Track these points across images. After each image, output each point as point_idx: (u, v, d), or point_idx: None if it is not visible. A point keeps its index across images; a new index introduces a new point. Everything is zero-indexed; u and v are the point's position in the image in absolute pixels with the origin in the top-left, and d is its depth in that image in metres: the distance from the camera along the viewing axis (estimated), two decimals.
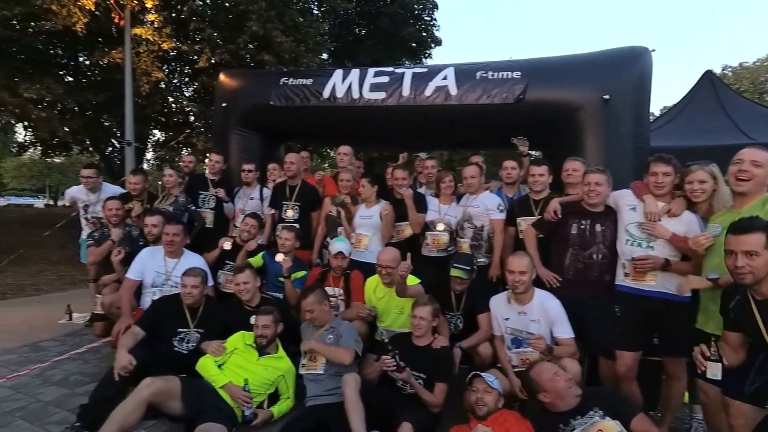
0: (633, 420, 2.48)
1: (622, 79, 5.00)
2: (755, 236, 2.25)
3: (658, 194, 3.31)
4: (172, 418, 3.17)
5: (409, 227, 4.75)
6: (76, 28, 9.94)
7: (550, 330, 3.42)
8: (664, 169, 3.27)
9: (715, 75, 7.33)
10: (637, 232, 3.33)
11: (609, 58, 5.30)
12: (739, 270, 2.27)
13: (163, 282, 4.29)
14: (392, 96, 5.90)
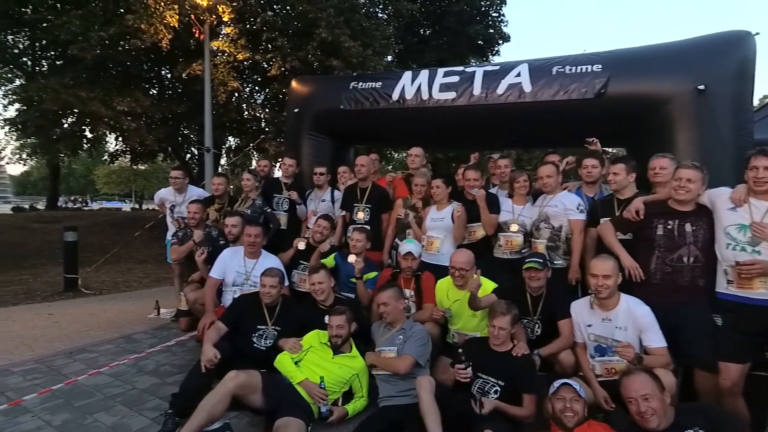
0: None
1: (719, 67, 4.57)
2: None
3: (759, 191, 3.01)
4: (253, 410, 3.31)
5: (482, 229, 4.62)
6: (161, 44, 10.64)
7: (638, 338, 3.16)
8: (765, 163, 2.96)
9: None
10: (739, 235, 3.03)
11: (704, 45, 4.87)
12: None
13: (243, 281, 4.47)
14: (463, 96, 5.77)
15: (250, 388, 3.19)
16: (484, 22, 19.24)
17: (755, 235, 2.97)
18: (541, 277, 3.67)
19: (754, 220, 2.99)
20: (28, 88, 12.49)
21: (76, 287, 8.14)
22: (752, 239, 2.97)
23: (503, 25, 19.88)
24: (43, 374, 4.14)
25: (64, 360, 4.52)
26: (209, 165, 10.93)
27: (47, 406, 3.50)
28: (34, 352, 4.78)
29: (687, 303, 3.28)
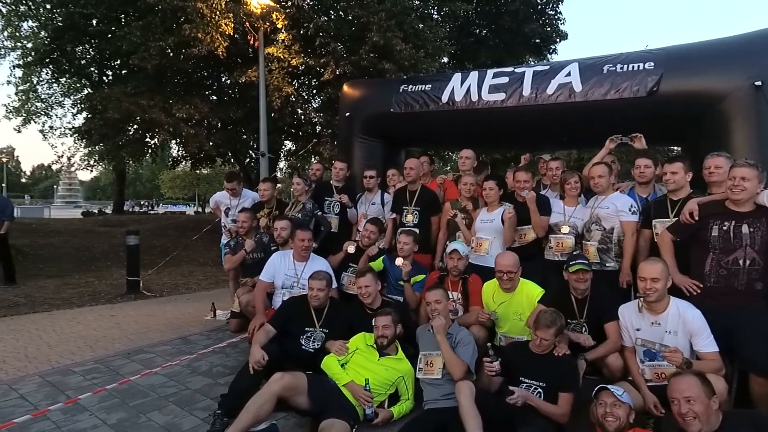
0: None
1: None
2: None
3: None
4: (299, 411, 3.39)
5: (532, 231, 4.62)
6: (218, 51, 11.03)
7: (689, 342, 3.12)
8: None
9: None
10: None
11: (760, 39, 4.72)
12: None
13: (293, 284, 4.60)
14: (512, 96, 5.79)
15: (295, 389, 3.27)
16: (540, 21, 18.87)
17: None
18: (588, 279, 3.66)
19: None
20: (93, 97, 13.18)
21: (137, 289, 8.36)
22: None
23: (560, 23, 19.49)
24: (102, 374, 4.30)
25: (122, 360, 4.68)
26: (264, 169, 11.25)
27: (104, 405, 3.65)
28: (95, 352, 4.98)
29: (743, 307, 3.21)
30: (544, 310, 3.45)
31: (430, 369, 3.54)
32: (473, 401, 3.00)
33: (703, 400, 2.41)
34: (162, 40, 10.99)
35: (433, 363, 3.54)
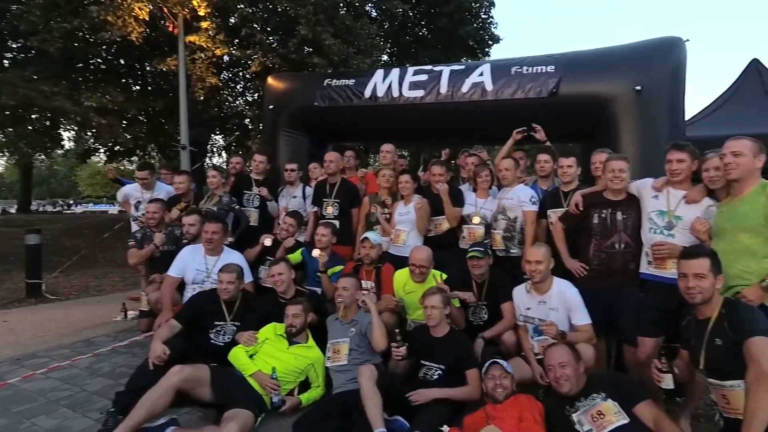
0: (638, 405, 2.56)
1: (655, 70, 4.97)
2: (702, 261, 2.54)
3: (674, 181, 3.37)
4: (203, 404, 3.35)
5: (446, 221, 4.88)
6: (131, 37, 10.46)
7: (568, 317, 3.52)
8: (678, 156, 3.33)
9: (761, 63, 7.05)
10: (658, 219, 3.38)
11: (641, 49, 5.27)
12: (690, 291, 2.50)
13: (204, 279, 4.45)
14: (431, 94, 6.06)
15: (197, 381, 3.22)
16: (475, 24, 19.52)
17: (654, 256, 3.34)
18: (482, 265, 4.01)
19: (671, 207, 3.36)
20: None
21: (39, 293, 7.74)
22: (668, 224, 3.33)
23: (493, 27, 20.25)
24: None
25: (10, 366, 4.37)
26: (186, 163, 10.88)
27: None
28: None
29: (620, 285, 3.63)
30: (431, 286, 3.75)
31: (338, 356, 3.68)
32: (374, 383, 3.12)
33: (573, 364, 2.80)
34: (67, 22, 10.23)
35: (339, 350, 3.69)
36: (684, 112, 5.03)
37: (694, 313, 2.60)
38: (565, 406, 2.74)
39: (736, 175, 2.88)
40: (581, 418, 2.64)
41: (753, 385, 2.11)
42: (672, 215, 3.36)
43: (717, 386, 2.43)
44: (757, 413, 2.06)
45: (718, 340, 2.40)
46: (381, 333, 3.55)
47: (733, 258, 2.78)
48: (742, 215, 2.86)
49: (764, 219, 2.75)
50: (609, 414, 2.57)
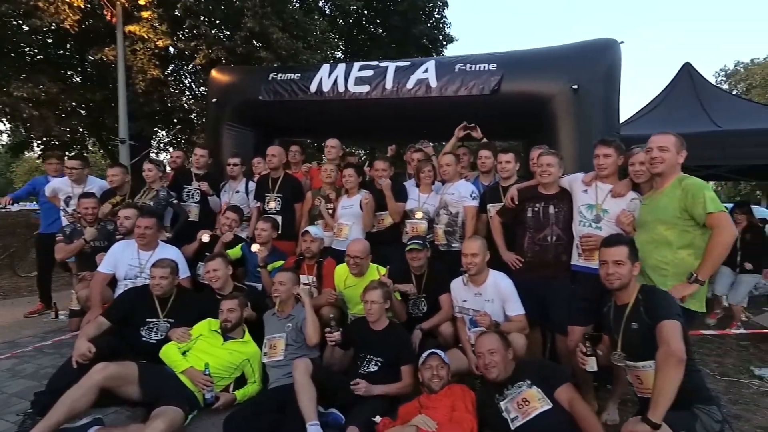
0: (558, 389, 2.67)
1: (590, 70, 5.13)
2: (621, 248, 2.69)
3: (601, 175, 3.50)
4: (131, 403, 3.23)
5: (389, 216, 4.89)
6: (65, 25, 9.90)
7: (502, 308, 3.60)
8: (604, 151, 3.47)
9: (693, 68, 7.46)
10: (587, 213, 3.51)
11: (578, 50, 5.44)
12: (609, 277, 2.65)
13: (137, 275, 4.28)
14: (376, 89, 6.04)
15: (123, 379, 3.10)
16: (429, 23, 19.57)
17: (583, 247, 3.47)
18: (421, 258, 4.05)
19: (599, 201, 3.49)
20: None
21: None
22: (596, 216, 3.47)
23: (447, 27, 20.37)
24: None
25: None
26: (125, 157, 10.43)
27: None
28: None
29: (553, 277, 3.74)
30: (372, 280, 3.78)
31: (274, 351, 3.64)
32: (309, 377, 3.10)
33: (501, 351, 2.90)
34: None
35: (276, 345, 3.65)
36: (619, 112, 5.22)
37: (614, 299, 2.74)
38: (495, 395, 2.82)
39: (661, 169, 3.02)
40: (508, 405, 2.73)
41: (661, 364, 2.25)
42: (600, 208, 3.49)
43: (632, 367, 2.58)
44: (663, 390, 2.20)
45: (634, 324, 2.55)
46: (314, 327, 3.55)
47: (652, 249, 2.94)
48: (661, 208, 3.00)
49: (679, 211, 2.89)
50: (533, 400, 2.68)
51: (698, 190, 2.83)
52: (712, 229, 2.79)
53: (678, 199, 2.90)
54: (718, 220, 2.76)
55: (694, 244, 2.88)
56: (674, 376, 2.22)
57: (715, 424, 2.33)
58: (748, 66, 34.54)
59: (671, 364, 2.22)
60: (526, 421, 2.63)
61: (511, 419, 2.67)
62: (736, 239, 4.25)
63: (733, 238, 2.82)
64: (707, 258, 2.81)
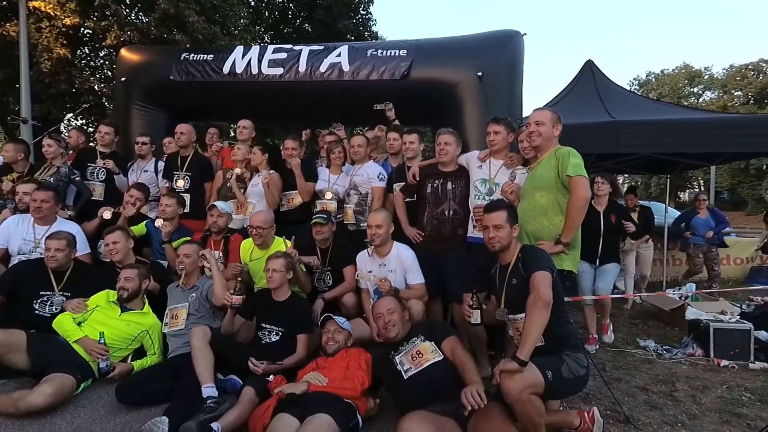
0: (444, 341, 2.85)
1: (495, 58, 5.38)
2: (500, 213, 2.84)
3: (493, 151, 3.75)
4: (17, 373, 3.14)
5: (299, 196, 4.93)
6: None
7: (404, 277, 3.76)
8: (495, 128, 3.74)
9: (594, 65, 7.98)
10: (482, 187, 3.74)
11: (484, 39, 5.69)
12: (491, 240, 2.84)
13: (32, 249, 4.14)
14: (290, 72, 6.03)
15: (9, 346, 3.04)
16: (354, 19, 19.53)
17: (476, 218, 3.67)
18: (325, 231, 4.17)
19: (491, 175, 3.74)
20: None
21: None
22: (489, 190, 3.71)
23: (372, 24, 20.42)
24: None
25: None
26: (28, 138, 9.71)
27: None
28: None
29: (449, 249, 3.95)
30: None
31: (175, 321, 3.64)
32: (206, 343, 3.12)
33: (399, 312, 3.06)
34: None
35: (178, 315, 3.65)
36: (521, 99, 5.49)
37: (499, 261, 2.93)
38: (390, 351, 2.96)
39: (539, 142, 3.27)
40: (402, 359, 2.87)
41: (530, 307, 2.46)
42: (492, 182, 3.75)
43: (512, 320, 2.79)
44: (530, 330, 2.40)
45: (514, 280, 2.76)
46: (221, 285, 3.60)
47: (530, 216, 3.17)
48: (537, 176, 3.28)
49: (554, 179, 3.16)
50: (426, 353, 2.83)
51: (566, 156, 3.11)
52: (570, 194, 3.07)
53: (553, 167, 3.16)
54: (575, 183, 3.04)
55: (565, 210, 3.13)
56: (540, 317, 2.41)
57: (580, 369, 2.55)
58: (659, 76, 37.34)
59: (538, 306, 2.42)
60: (418, 371, 2.77)
61: (405, 370, 2.80)
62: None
63: (585, 201, 3.07)
64: (566, 220, 3.10)
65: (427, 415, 2.35)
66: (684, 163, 8.03)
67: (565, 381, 2.45)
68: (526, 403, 2.30)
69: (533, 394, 2.33)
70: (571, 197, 3.06)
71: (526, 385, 2.30)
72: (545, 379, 2.35)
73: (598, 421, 2.64)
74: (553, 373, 2.40)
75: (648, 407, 3.29)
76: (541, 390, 2.36)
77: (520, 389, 2.28)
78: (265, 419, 2.52)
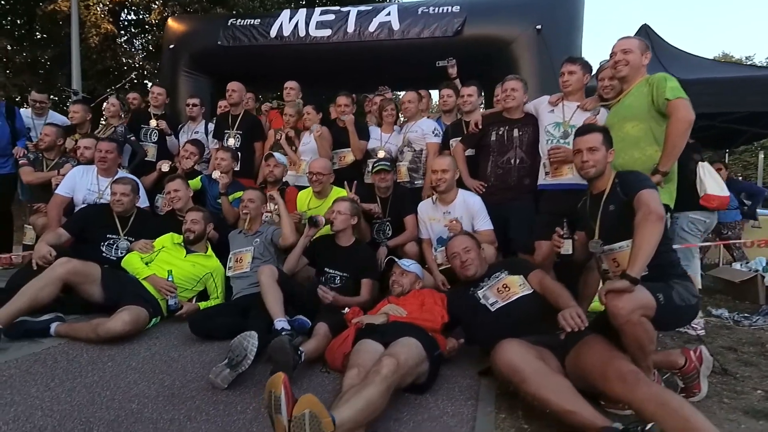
0: (530, 274, 2.71)
1: (553, 12, 5.22)
2: (595, 135, 2.59)
3: (566, 92, 3.55)
4: (89, 304, 3.18)
5: (351, 154, 4.86)
6: None
7: (471, 225, 3.65)
8: (569, 68, 3.52)
9: (650, 28, 7.64)
10: (555, 131, 3.55)
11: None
12: (585, 164, 2.57)
13: (95, 200, 4.19)
14: (337, 33, 5.99)
15: (85, 276, 3.06)
16: None
17: (553, 159, 3.46)
18: (388, 179, 4.07)
19: (566, 118, 3.53)
20: None
21: None
22: (564, 133, 3.50)
23: None
24: None
25: None
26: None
27: None
28: None
29: (515, 199, 3.81)
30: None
31: (240, 264, 3.62)
32: (274, 280, 3.06)
33: (475, 249, 2.90)
34: None
35: (242, 259, 3.63)
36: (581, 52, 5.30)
37: (590, 190, 2.70)
38: (470, 288, 2.81)
39: (626, 72, 3.04)
40: (486, 293, 2.71)
41: (641, 222, 2.21)
42: (567, 125, 3.52)
43: (608, 252, 2.53)
44: (642, 245, 2.15)
45: (611, 206, 2.50)
46: (290, 226, 3.58)
47: (618, 149, 2.88)
48: (626, 106, 3.04)
49: (647, 106, 2.92)
50: (514, 286, 2.67)
51: (662, 81, 2.87)
52: (668, 118, 2.83)
53: (645, 95, 2.92)
54: (675, 106, 2.79)
55: (660, 140, 2.90)
56: (654, 230, 2.17)
57: (691, 297, 2.27)
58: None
59: (651, 220, 2.18)
60: (506, 303, 2.62)
61: (490, 304, 2.66)
62: None
63: (688, 124, 2.81)
64: (664, 148, 2.85)
65: (523, 342, 2.20)
66: (750, 134, 7.53)
67: (675, 308, 2.18)
68: (636, 325, 2.03)
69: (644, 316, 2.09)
70: (671, 121, 2.82)
71: (637, 305, 2.03)
72: (657, 302, 2.10)
73: (707, 359, 2.41)
74: (665, 297, 2.15)
75: (741, 364, 3.05)
76: (652, 313, 2.07)
77: (630, 309, 2.01)
78: (346, 348, 2.46)
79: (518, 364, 2.04)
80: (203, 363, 2.62)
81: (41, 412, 2.00)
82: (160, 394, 2.22)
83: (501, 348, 2.15)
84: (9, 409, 2.02)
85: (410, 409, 2.13)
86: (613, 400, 2.07)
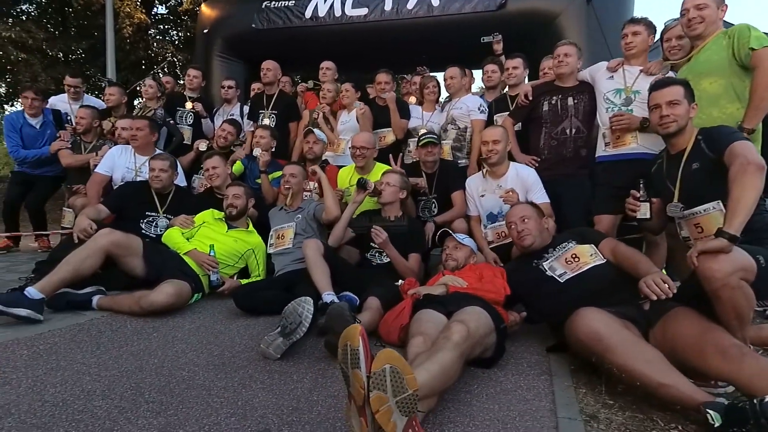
0: (601, 243, 2.46)
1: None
2: (675, 88, 2.38)
3: (629, 55, 3.29)
4: (131, 276, 3.11)
5: (392, 133, 4.69)
6: None
7: (526, 198, 3.42)
8: (633, 29, 3.25)
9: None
10: (615, 98, 3.30)
11: None
12: (664, 119, 2.36)
13: (133, 178, 4.15)
14: (375, 11, 5.86)
15: (127, 249, 3.00)
16: None
17: (616, 127, 3.19)
18: (435, 153, 3.88)
19: (627, 84, 3.26)
20: None
21: None
22: (626, 100, 3.24)
23: None
24: None
25: None
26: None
27: None
28: None
29: (570, 175, 3.58)
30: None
31: (282, 241, 3.50)
32: (320, 255, 2.94)
33: (535, 218, 2.65)
34: None
35: (284, 235, 3.51)
36: None
37: (667, 149, 2.49)
38: (532, 261, 2.58)
39: (701, 29, 2.78)
40: (553, 264, 2.47)
41: (737, 175, 1.98)
42: (629, 91, 3.26)
43: (690, 216, 2.32)
44: (741, 199, 1.92)
45: (695, 164, 2.29)
46: (333, 199, 3.45)
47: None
48: (702, 62, 2.78)
49: (727, 60, 2.66)
50: (584, 256, 2.43)
51: (745, 30, 2.61)
52: (754, 70, 2.57)
53: (724, 48, 2.67)
54: (760, 57, 2.53)
55: (743, 96, 2.64)
56: (756, 182, 1.93)
57: None
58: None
59: (750, 171, 1.94)
60: (576, 274, 2.38)
61: (559, 275, 2.42)
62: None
63: None
64: (750, 102, 2.59)
65: (603, 311, 1.96)
66: None
67: None
68: (735, 289, 1.74)
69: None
70: (757, 72, 2.54)
71: (736, 266, 1.75)
72: (757, 263, 1.82)
73: None
74: (766, 260, 1.88)
75: None
76: (752, 277, 1.78)
77: (728, 271, 1.73)
78: (403, 320, 2.29)
79: (602, 331, 1.83)
80: (251, 335, 2.51)
81: (89, 377, 1.91)
82: (210, 363, 2.11)
83: (580, 315, 1.93)
84: (56, 374, 1.93)
85: (480, 382, 1.96)
86: (710, 377, 1.83)
